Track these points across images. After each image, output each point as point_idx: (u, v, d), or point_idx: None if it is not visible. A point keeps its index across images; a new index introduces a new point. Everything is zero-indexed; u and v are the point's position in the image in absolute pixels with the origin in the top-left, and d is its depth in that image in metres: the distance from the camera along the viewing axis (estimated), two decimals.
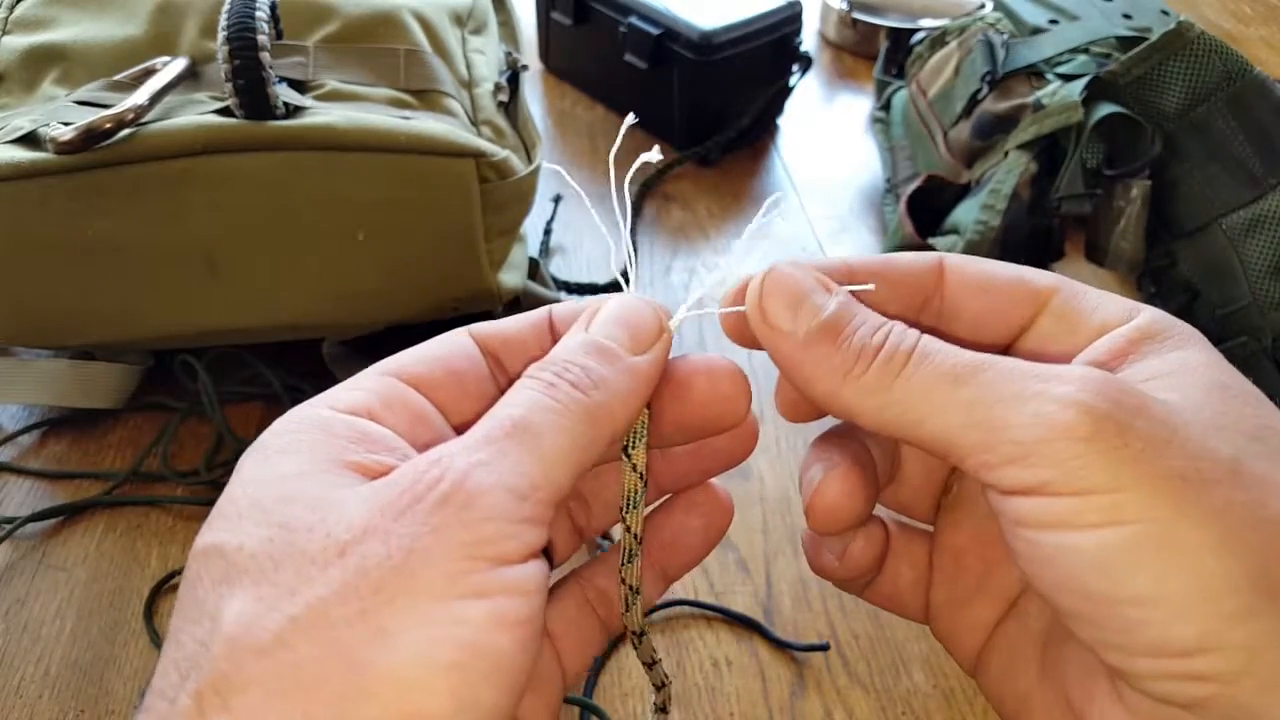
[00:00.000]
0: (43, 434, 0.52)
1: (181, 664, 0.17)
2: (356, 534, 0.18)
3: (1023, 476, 0.19)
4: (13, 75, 0.48)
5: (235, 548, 0.18)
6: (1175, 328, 0.21)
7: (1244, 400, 0.20)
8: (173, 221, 0.44)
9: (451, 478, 0.18)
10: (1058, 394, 0.18)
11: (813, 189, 0.73)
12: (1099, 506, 0.18)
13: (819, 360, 0.21)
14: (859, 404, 0.21)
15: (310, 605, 0.17)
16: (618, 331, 0.22)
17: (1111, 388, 0.18)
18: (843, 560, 0.25)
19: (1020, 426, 0.18)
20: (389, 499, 0.18)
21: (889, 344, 0.21)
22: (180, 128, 0.43)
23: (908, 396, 0.20)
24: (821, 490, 0.23)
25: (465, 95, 0.53)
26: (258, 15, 0.43)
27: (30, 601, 0.44)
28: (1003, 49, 0.58)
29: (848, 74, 0.87)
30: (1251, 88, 0.49)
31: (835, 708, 0.41)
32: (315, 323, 0.49)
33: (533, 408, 0.20)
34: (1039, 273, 0.23)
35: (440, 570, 0.17)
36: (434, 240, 0.48)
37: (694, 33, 0.69)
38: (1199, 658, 0.17)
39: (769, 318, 0.22)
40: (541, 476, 0.19)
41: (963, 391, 0.19)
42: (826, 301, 0.21)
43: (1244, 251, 0.49)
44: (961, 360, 0.20)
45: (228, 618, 0.17)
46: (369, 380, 0.22)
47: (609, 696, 0.42)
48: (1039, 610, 0.23)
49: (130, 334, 0.48)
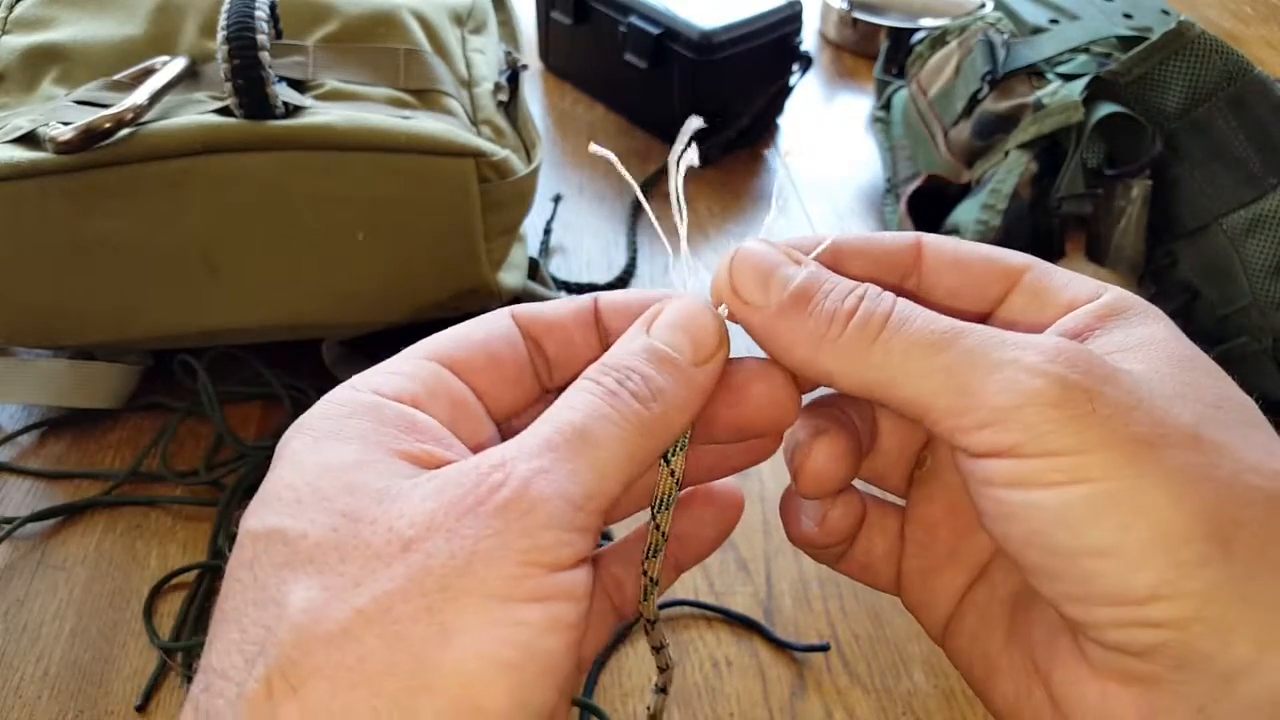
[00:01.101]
0: (42, 434, 0.52)
1: (245, 647, 0.18)
2: (420, 531, 0.18)
3: (994, 439, 0.19)
4: (12, 75, 0.48)
5: (299, 534, 0.18)
6: (1139, 305, 0.22)
7: (1204, 372, 0.21)
8: (172, 221, 0.44)
9: (514, 484, 0.18)
10: (1030, 362, 0.19)
11: (813, 189, 0.73)
12: (1065, 467, 0.19)
13: (793, 327, 0.22)
14: (836, 367, 0.21)
15: (375, 599, 0.17)
16: (680, 339, 0.22)
17: (1081, 357, 0.19)
18: (821, 526, 0.26)
19: (993, 393, 0.19)
20: (452, 498, 0.18)
21: (863, 307, 0.21)
22: (180, 127, 0.43)
23: (885, 361, 0.21)
24: (812, 453, 0.24)
25: (465, 95, 0.53)
26: (257, 15, 0.43)
27: (30, 602, 0.44)
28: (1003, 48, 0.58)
29: (848, 74, 0.87)
30: (1252, 87, 0.48)
31: (835, 708, 0.41)
32: (315, 322, 0.49)
33: (592, 415, 0.20)
34: (1011, 252, 0.24)
35: (501, 573, 0.18)
36: (433, 240, 0.48)
37: (694, 32, 0.68)
38: (1154, 605, 0.18)
39: (741, 293, 0.22)
40: (596, 486, 0.19)
41: (939, 358, 0.20)
42: (795, 272, 0.22)
43: (1244, 251, 0.49)
44: (938, 327, 0.21)
45: (294, 605, 0.17)
46: (411, 365, 0.22)
47: (609, 697, 0.41)
48: (1005, 577, 0.24)
49: (129, 334, 0.48)
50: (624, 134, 0.77)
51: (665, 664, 0.28)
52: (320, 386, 0.23)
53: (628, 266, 0.64)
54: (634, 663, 0.43)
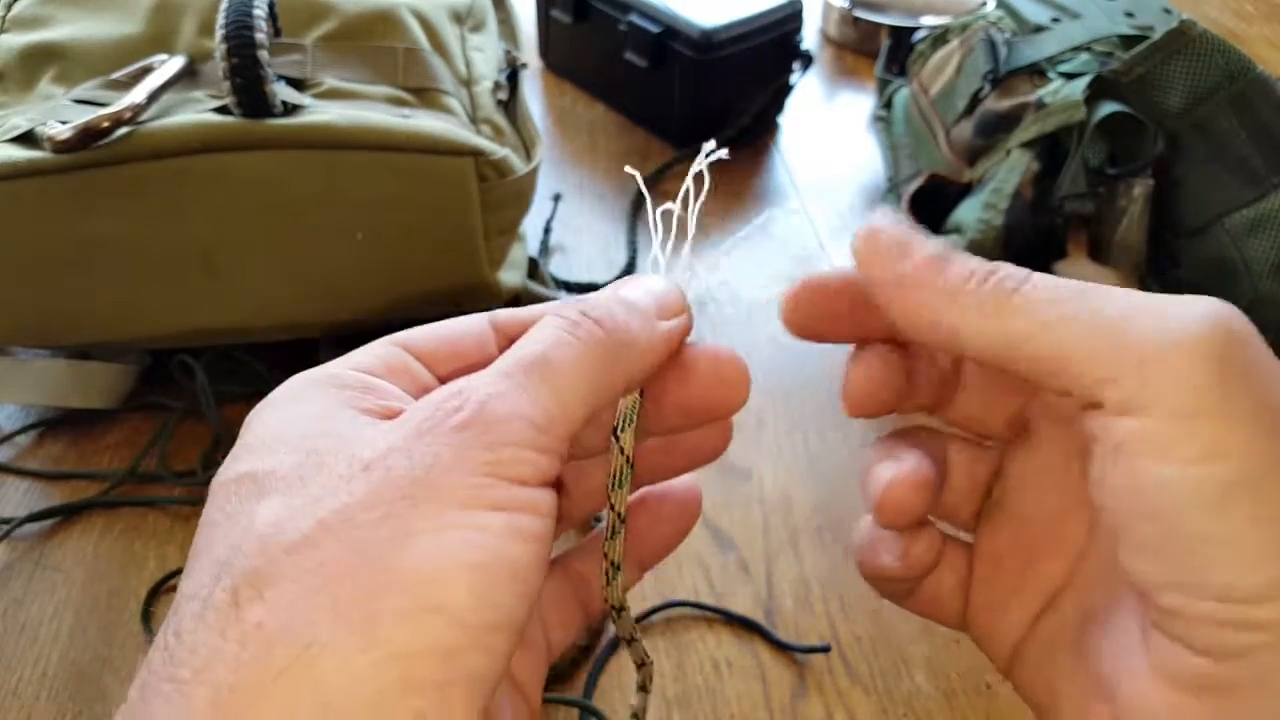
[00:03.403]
0: (39, 434, 0.52)
1: (212, 567, 0.18)
2: (380, 453, 0.19)
3: (1136, 392, 0.18)
4: (10, 74, 0.48)
5: (266, 471, 0.19)
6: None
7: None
8: (170, 220, 0.44)
9: (471, 406, 0.19)
10: (1193, 309, 0.19)
11: (814, 188, 0.73)
12: (1206, 434, 0.18)
13: (927, 284, 0.21)
14: (967, 322, 0.21)
15: (336, 510, 0.18)
16: (645, 297, 0.23)
17: (1234, 315, 0.19)
18: (904, 560, 0.25)
19: (1146, 335, 0.18)
20: (411, 424, 0.19)
21: (1001, 271, 0.21)
22: (178, 126, 0.42)
23: (1024, 310, 0.20)
24: (893, 484, 0.24)
25: (464, 93, 0.53)
26: (256, 13, 0.43)
27: (27, 602, 0.44)
28: (1005, 47, 0.58)
29: (849, 72, 0.87)
30: (1254, 87, 0.48)
31: (836, 709, 0.41)
32: (313, 322, 0.49)
33: (554, 344, 0.21)
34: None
35: (461, 482, 0.18)
36: (432, 239, 0.47)
37: (694, 31, 0.68)
38: (1263, 605, 0.17)
39: (879, 251, 0.22)
40: (558, 411, 0.20)
41: (1080, 304, 0.19)
42: (931, 243, 0.22)
43: (1247, 251, 0.49)
44: (1074, 284, 0.20)
45: (259, 521, 0.18)
46: (374, 347, 0.23)
47: (609, 698, 0.41)
48: (1075, 603, 0.24)
49: (128, 333, 0.47)
50: (624, 133, 0.77)
51: (640, 659, 0.28)
52: None
53: (627, 266, 0.64)
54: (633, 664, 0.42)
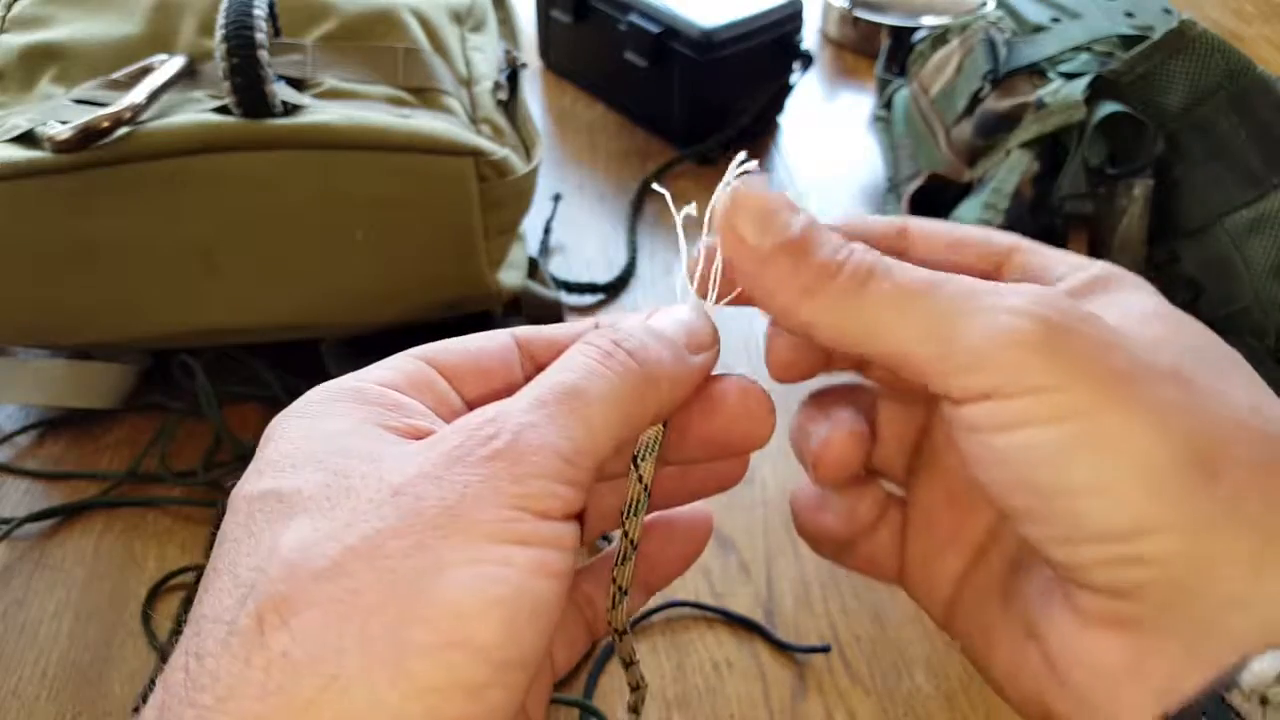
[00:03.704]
0: (40, 434, 0.52)
1: (237, 590, 0.18)
2: (410, 478, 0.18)
3: (976, 382, 0.20)
4: (10, 74, 0.48)
5: (292, 490, 0.19)
6: (1126, 277, 0.23)
7: (1186, 328, 0.21)
8: (170, 220, 0.44)
9: (505, 437, 0.19)
10: (1010, 304, 0.20)
11: (814, 188, 0.73)
12: (1046, 404, 0.19)
13: (782, 274, 0.22)
14: (819, 319, 0.21)
15: (366, 536, 0.18)
16: (676, 329, 0.23)
17: (1060, 300, 0.20)
18: (850, 519, 0.26)
19: (974, 335, 0.20)
20: (442, 450, 0.19)
21: (851, 261, 0.21)
22: (178, 126, 0.42)
23: (868, 311, 0.21)
24: (829, 441, 0.24)
25: (464, 93, 0.53)
26: (255, 13, 0.43)
27: (28, 602, 0.44)
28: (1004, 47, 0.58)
29: (849, 72, 0.87)
30: (1254, 86, 0.48)
31: (836, 710, 0.41)
32: (313, 322, 0.49)
33: (586, 374, 0.21)
34: (997, 233, 0.25)
35: (491, 515, 0.18)
36: (432, 239, 0.47)
37: (694, 31, 0.68)
38: (1139, 540, 0.18)
39: (738, 228, 0.22)
40: (586, 443, 0.20)
41: (921, 305, 0.20)
42: (794, 219, 0.22)
43: (1246, 251, 0.49)
44: (919, 276, 0.21)
45: (286, 544, 0.18)
46: (399, 361, 0.23)
47: (609, 699, 0.41)
48: (1002, 551, 0.25)
49: (128, 333, 0.47)
50: (624, 133, 0.77)
51: (635, 683, 0.27)
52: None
53: (628, 266, 0.64)
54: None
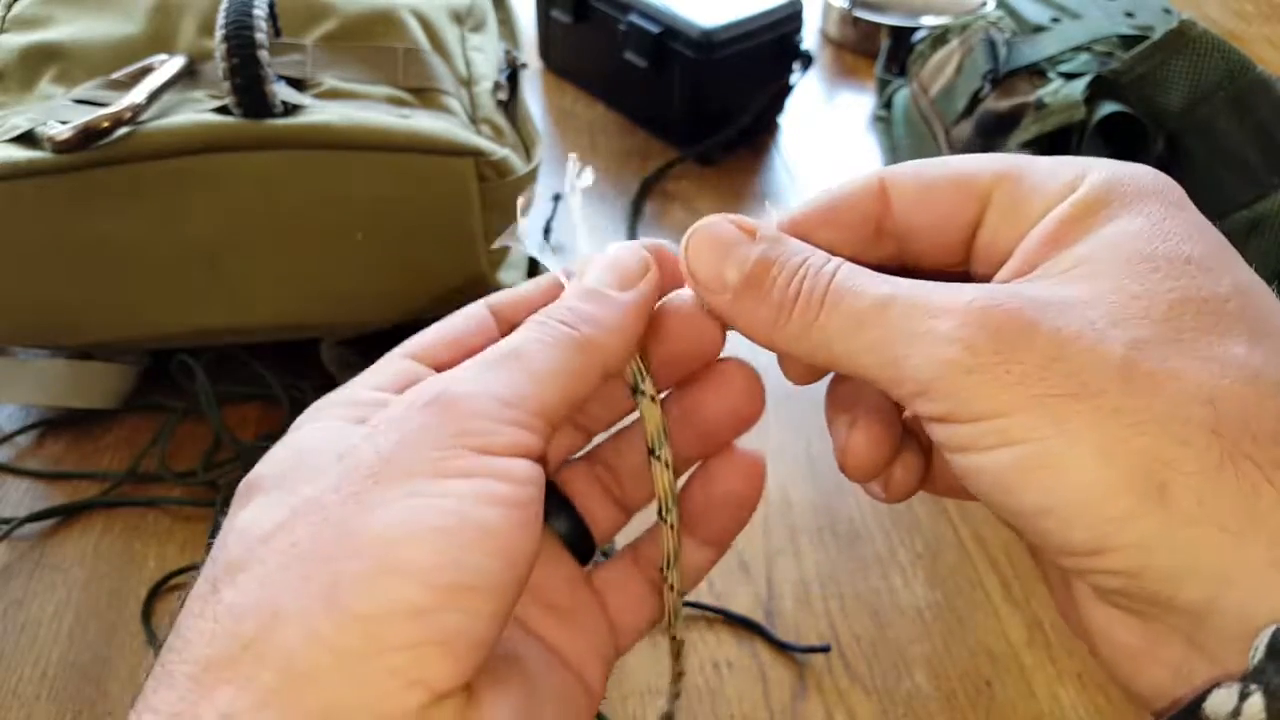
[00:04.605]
0: (40, 434, 0.52)
1: (207, 570, 0.19)
2: (353, 444, 0.20)
3: (930, 408, 0.20)
4: (10, 74, 0.48)
5: (258, 477, 0.20)
6: (1115, 192, 0.21)
7: (1166, 272, 0.19)
8: (170, 220, 0.44)
9: (437, 388, 0.20)
10: (943, 331, 0.19)
11: (814, 188, 0.73)
12: (991, 430, 0.19)
13: (750, 314, 0.22)
14: (791, 349, 0.22)
15: (308, 498, 0.19)
16: (606, 276, 0.23)
17: (994, 315, 0.19)
18: (888, 489, 0.26)
19: (914, 366, 0.20)
20: (384, 414, 0.20)
21: (804, 290, 0.21)
22: (178, 126, 0.42)
23: (825, 342, 0.21)
24: (849, 450, 0.24)
25: (464, 93, 0.53)
26: (256, 13, 0.43)
27: (28, 602, 0.44)
28: (1005, 47, 0.58)
29: (849, 72, 0.87)
30: (1254, 87, 0.48)
31: (836, 709, 0.41)
32: (313, 322, 0.49)
33: (524, 340, 0.22)
34: (980, 165, 0.23)
35: (426, 455, 0.19)
36: (432, 239, 0.47)
37: (694, 31, 0.68)
38: (1099, 558, 0.18)
39: (699, 279, 0.23)
40: (529, 389, 0.21)
41: (867, 335, 0.21)
42: (748, 252, 0.22)
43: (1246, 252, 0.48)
44: (865, 301, 0.21)
45: (240, 519, 0.20)
46: (391, 364, 0.24)
47: (609, 698, 0.41)
48: None
49: (128, 333, 0.47)
50: (624, 133, 0.77)
51: (677, 688, 0.29)
52: (319, 386, 0.24)
53: None
54: (635, 664, 0.42)
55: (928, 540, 0.48)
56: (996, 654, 0.43)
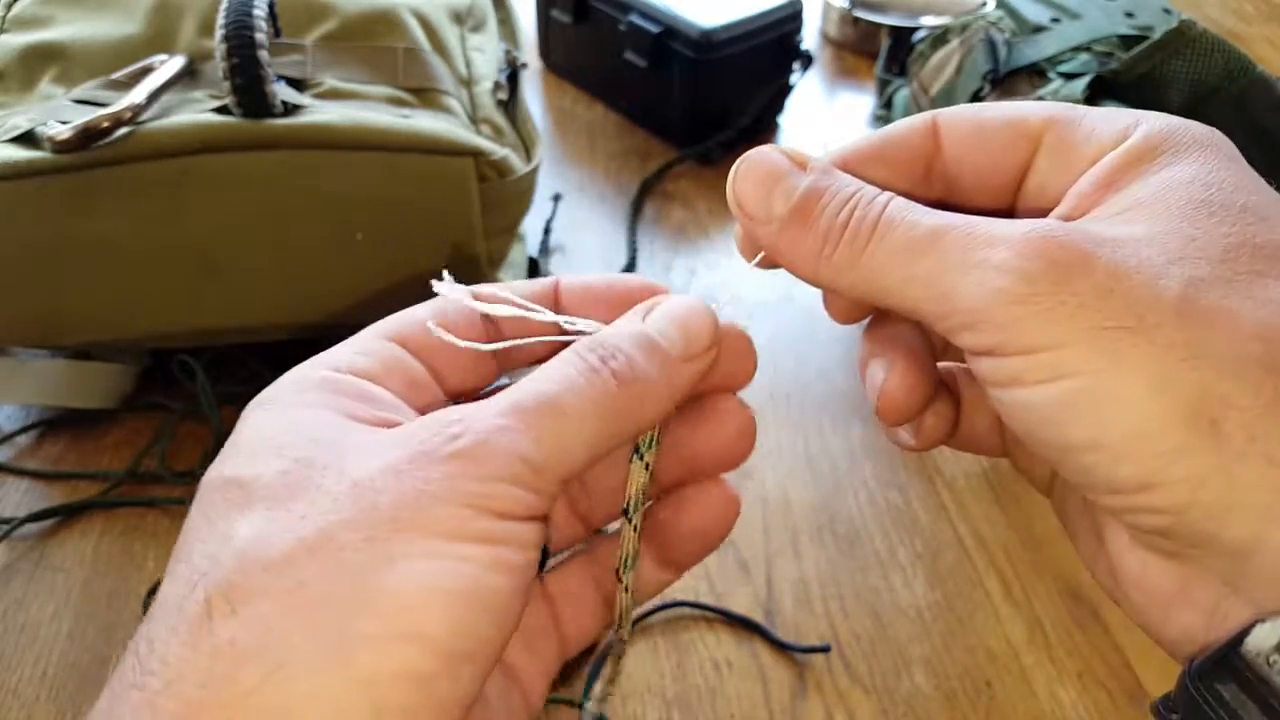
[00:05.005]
0: (39, 434, 0.52)
1: (190, 577, 0.18)
2: (371, 472, 0.18)
3: (978, 340, 0.19)
4: (10, 74, 0.48)
5: (252, 478, 0.19)
6: (1169, 141, 0.21)
7: (1221, 218, 0.19)
8: (170, 220, 0.44)
9: (471, 436, 0.19)
10: (998, 260, 0.19)
11: None
12: (1042, 363, 0.19)
13: (794, 245, 0.22)
14: (835, 282, 0.22)
15: (320, 529, 0.18)
16: (674, 331, 0.22)
17: (1051, 246, 0.19)
18: (919, 437, 0.25)
19: (966, 295, 0.19)
20: (407, 446, 0.19)
21: (854, 220, 0.21)
22: (178, 126, 0.42)
23: (873, 273, 0.21)
24: (885, 392, 0.24)
25: (464, 93, 0.53)
26: (255, 13, 0.43)
27: (28, 602, 0.44)
28: (1005, 47, 0.58)
29: (849, 72, 0.87)
30: (1254, 87, 0.48)
31: (836, 709, 0.41)
32: (313, 322, 0.49)
33: (568, 388, 0.20)
34: (1033, 109, 0.23)
35: (448, 513, 0.18)
36: (433, 239, 0.47)
37: (694, 31, 0.68)
38: (1145, 494, 0.18)
39: (745, 209, 0.22)
40: (557, 455, 0.20)
41: (919, 265, 0.20)
42: (798, 182, 0.22)
43: None
44: (918, 231, 0.20)
45: (239, 534, 0.18)
46: (368, 343, 0.23)
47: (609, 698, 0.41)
48: None
49: (128, 333, 0.47)
50: (624, 133, 0.77)
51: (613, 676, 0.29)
52: None
53: (628, 266, 0.64)
54: (634, 663, 0.42)
55: (928, 540, 0.48)
56: (996, 654, 0.43)
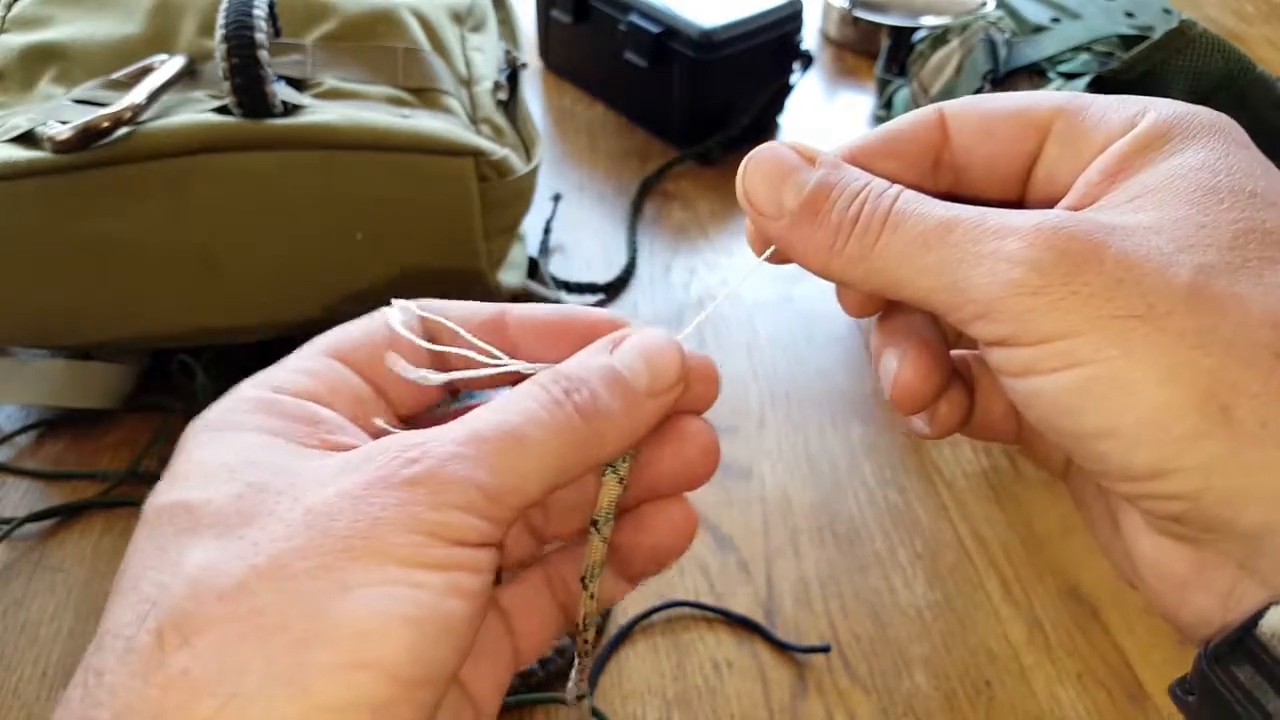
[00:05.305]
0: (39, 434, 0.52)
1: (139, 605, 0.18)
2: (324, 498, 0.18)
3: (991, 330, 0.20)
4: (10, 73, 0.48)
5: (202, 501, 0.18)
6: (1178, 128, 0.21)
7: (1231, 204, 0.19)
8: (171, 220, 0.44)
9: (428, 463, 0.19)
10: (1009, 250, 0.19)
11: None
12: (1055, 352, 0.19)
13: (806, 239, 0.22)
14: (846, 275, 0.22)
15: (273, 557, 0.17)
16: (640, 366, 0.22)
17: (1061, 237, 0.19)
18: (933, 424, 0.25)
19: (979, 286, 0.19)
20: (362, 471, 0.19)
21: (864, 213, 0.21)
22: (178, 126, 0.42)
23: (884, 265, 0.21)
24: (900, 381, 0.24)
25: (464, 93, 0.53)
26: (256, 13, 0.43)
27: (28, 602, 0.44)
28: (1005, 47, 0.58)
29: (849, 72, 0.87)
30: (1254, 86, 0.48)
31: (836, 709, 0.41)
32: (313, 322, 0.48)
33: (529, 420, 0.20)
34: (1041, 98, 0.23)
35: (403, 540, 0.18)
36: (433, 239, 0.47)
37: (694, 31, 0.68)
38: (1159, 481, 0.18)
39: (754, 205, 0.22)
40: (514, 485, 0.20)
41: (930, 256, 0.20)
42: (808, 177, 0.22)
43: None
44: (929, 223, 0.20)
45: (191, 562, 0.18)
46: (310, 361, 0.23)
47: (609, 697, 0.41)
48: None
49: (128, 333, 0.47)
50: (624, 133, 0.77)
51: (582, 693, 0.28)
52: None
53: (627, 266, 0.64)
54: (634, 663, 0.42)
55: (928, 540, 0.48)
56: (996, 654, 0.43)
